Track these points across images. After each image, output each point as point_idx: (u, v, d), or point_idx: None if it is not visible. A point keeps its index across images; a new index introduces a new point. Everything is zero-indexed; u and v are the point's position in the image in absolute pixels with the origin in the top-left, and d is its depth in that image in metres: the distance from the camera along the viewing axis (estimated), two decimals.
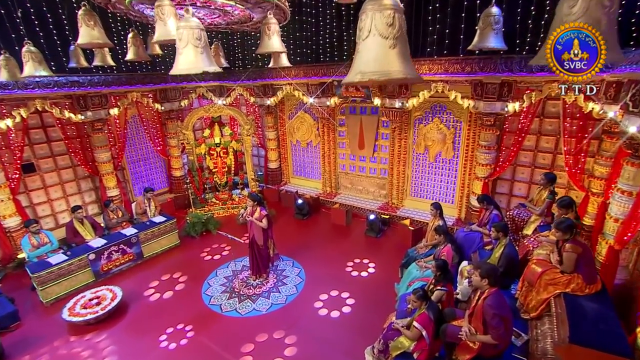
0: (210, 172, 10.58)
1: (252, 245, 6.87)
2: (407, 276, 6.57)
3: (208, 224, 9.33)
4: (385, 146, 9.64)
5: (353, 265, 7.50)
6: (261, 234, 6.70)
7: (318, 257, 7.93)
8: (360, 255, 7.92)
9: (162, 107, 10.27)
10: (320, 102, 9.69)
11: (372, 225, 8.91)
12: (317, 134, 10.78)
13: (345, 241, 8.66)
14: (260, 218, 6.59)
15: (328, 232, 9.21)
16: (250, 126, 10.30)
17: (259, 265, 7.02)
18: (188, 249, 8.61)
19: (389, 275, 7.19)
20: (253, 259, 6.99)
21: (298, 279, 7.24)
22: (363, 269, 7.44)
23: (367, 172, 10.19)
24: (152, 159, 10.99)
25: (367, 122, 9.70)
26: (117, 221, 8.48)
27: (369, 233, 8.90)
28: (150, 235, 8.29)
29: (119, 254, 7.78)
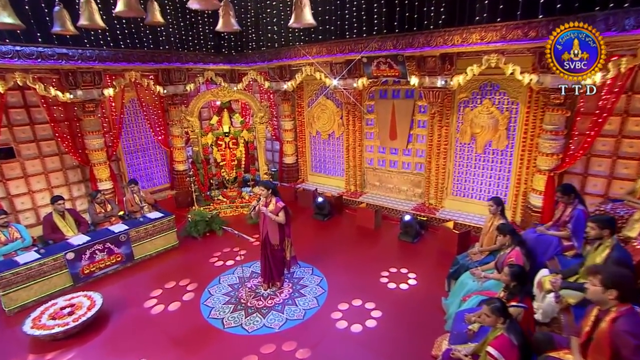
0: (218, 166, 9.59)
1: (265, 246, 5.82)
2: (460, 289, 5.34)
3: (213, 224, 8.27)
4: (422, 136, 8.51)
5: (389, 276, 6.37)
6: (276, 232, 5.67)
7: (343, 264, 6.82)
8: (395, 264, 6.77)
9: (165, 91, 9.34)
10: (346, 84, 8.65)
11: (407, 229, 7.70)
12: (340, 123, 9.75)
13: (374, 247, 7.54)
14: (276, 211, 5.56)
15: (353, 235, 8.10)
16: (265, 113, 9.30)
17: (272, 271, 5.97)
18: (188, 252, 7.55)
19: (430, 287, 6.03)
20: (265, 263, 5.94)
21: (319, 290, 6.11)
22: (402, 280, 6.28)
23: (399, 167, 9.07)
24: (151, 150, 10.06)
25: (400, 108, 8.59)
26: (104, 216, 7.43)
27: (404, 237, 7.71)
28: (144, 234, 7.22)
29: (104, 254, 6.68)
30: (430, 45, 7.01)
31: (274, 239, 5.72)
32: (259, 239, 5.88)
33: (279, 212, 5.55)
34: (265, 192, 5.63)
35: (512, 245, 5.01)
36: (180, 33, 9.63)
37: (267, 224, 5.69)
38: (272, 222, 5.63)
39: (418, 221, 7.80)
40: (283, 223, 5.59)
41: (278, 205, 5.57)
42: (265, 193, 5.63)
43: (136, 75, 8.69)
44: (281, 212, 5.56)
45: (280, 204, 5.60)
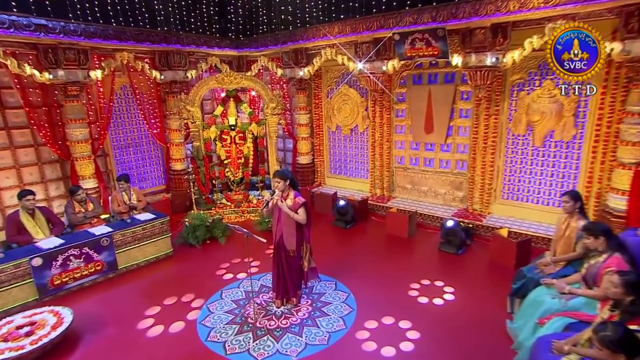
0: (221, 164, 8.81)
1: (278, 252, 5.05)
2: (532, 309, 4.40)
3: (214, 230, 7.43)
4: (465, 128, 7.68)
5: (420, 289, 5.61)
6: (293, 234, 4.92)
7: (372, 278, 5.97)
8: (438, 278, 5.88)
9: (162, 77, 8.66)
10: (373, 67, 7.90)
11: (450, 237, 6.79)
12: (365, 115, 9.02)
13: (410, 259, 6.68)
14: (294, 207, 4.84)
15: (383, 245, 7.25)
16: (277, 104, 8.55)
17: (287, 284, 5.15)
18: (185, 262, 6.72)
19: (481, 305, 5.17)
20: (278, 273, 5.13)
21: (346, 308, 5.22)
22: (435, 294, 5.47)
23: (435, 166, 8.26)
24: (145, 145, 9.35)
25: (438, 95, 7.80)
26: (84, 216, 6.60)
27: (446, 248, 6.82)
28: (131, 238, 6.39)
29: (80, 262, 5.82)
30: (478, 14, 6.28)
31: (290, 243, 4.96)
32: (272, 243, 5.12)
33: (298, 209, 4.83)
34: (282, 184, 4.90)
35: (609, 251, 4.06)
36: (182, 12, 9.03)
37: (282, 223, 4.94)
38: (288, 222, 4.90)
39: (463, 228, 6.85)
40: (303, 223, 4.87)
41: (297, 201, 4.85)
42: (282, 185, 4.90)
43: (129, 57, 8.01)
44: (301, 209, 4.85)
45: (299, 199, 4.88)
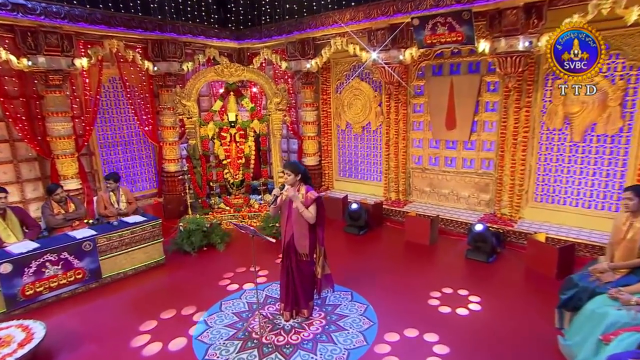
0: (220, 164, 8.36)
1: (288, 256, 4.60)
2: (592, 323, 3.90)
3: (212, 236, 6.95)
4: (492, 123, 7.25)
5: (446, 299, 5.20)
6: (305, 235, 4.50)
7: (392, 289, 5.53)
8: (467, 289, 5.41)
9: (156, 68, 8.25)
10: (389, 57, 7.52)
11: (479, 243, 6.30)
12: (379, 111, 8.62)
13: (434, 267, 6.24)
14: (306, 203, 4.43)
15: (402, 253, 6.81)
16: (282, 98, 8.20)
17: (297, 293, 4.69)
18: (179, 271, 6.25)
19: (516, 318, 4.76)
20: (288, 281, 4.67)
21: (365, 322, 4.72)
22: (459, 304, 5.08)
23: (458, 166, 7.83)
24: (135, 144, 8.88)
25: (461, 87, 7.39)
26: (64, 217, 6.06)
27: (474, 255, 6.33)
28: (118, 243, 5.91)
29: (58, 269, 5.29)
30: None
31: (301, 245, 4.52)
32: (281, 245, 4.67)
33: (309, 206, 4.41)
34: (292, 178, 4.47)
35: None
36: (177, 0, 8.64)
37: (292, 222, 4.50)
38: (299, 220, 4.47)
39: (493, 233, 6.34)
40: (312, 222, 4.44)
41: (309, 196, 4.43)
42: (292, 179, 4.47)
43: (119, 45, 7.59)
44: (312, 207, 4.41)
45: (312, 194, 4.46)
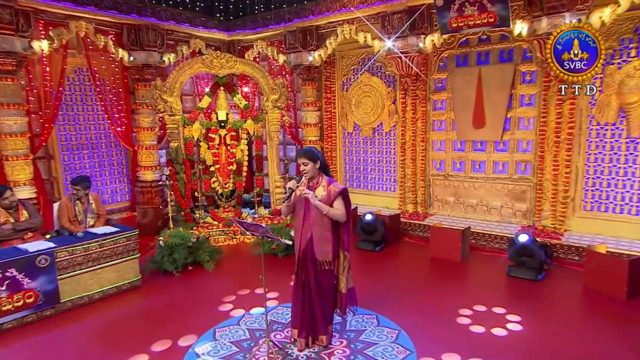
0: (207, 171, 7.96)
1: (303, 266, 4.07)
2: None
3: (199, 253, 6.36)
4: (529, 119, 6.95)
5: (472, 315, 4.88)
6: (329, 239, 3.99)
7: (424, 311, 5.09)
8: (498, 304, 5.07)
9: (132, 58, 7.81)
10: (407, 45, 7.23)
11: (523, 258, 5.77)
12: (392, 110, 8.35)
13: (471, 286, 5.89)
14: (329, 199, 3.95)
15: (430, 271, 6.42)
16: (280, 95, 7.92)
17: (315, 316, 4.12)
18: (159, 294, 5.67)
19: (580, 342, 4.31)
20: (303, 299, 4.10)
21: (400, 350, 4.14)
22: (507, 326, 4.66)
23: (488, 171, 7.50)
24: (105, 147, 8.38)
25: (491, 78, 7.10)
26: (13, 227, 5.33)
27: (519, 272, 5.82)
28: (83, 259, 5.22)
29: (1, 290, 4.50)
30: None
31: (322, 251, 3.98)
32: (296, 252, 4.13)
33: (334, 201, 3.91)
34: (312, 167, 3.96)
35: None
36: None
37: (311, 223, 3.97)
38: (320, 221, 3.95)
39: (541, 245, 5.83)
40: (342, 220, 3.96)
41: (333, 190, 3.94)
42: (311, 169, 3.96)
43: (87, 28, 7.10)
44: (338, 201, 3.93)
45: (335, 186, 3.99)
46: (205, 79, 9.13)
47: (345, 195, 3.96)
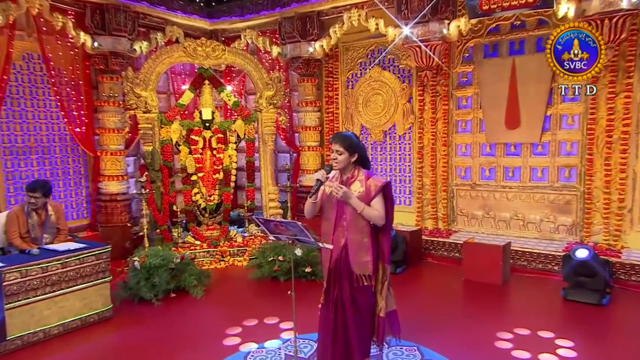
0: (187, 180, 7.67)
1: (338, 283, 3.73)
2: None
3: (184, 276, 6.00)
4: (573, 117, 6.90)
5: (513, 340, 4.84)
6: (368, 247, 3.71)
7: (476, 343, 4.88)
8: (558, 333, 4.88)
9: (96, 44, 7.48)
10: (428, 32, 7.16)
11: (582, 278, 5.53)
12: (408, 109, 8.26)
13: (523, 314, 5.65)
14: (368, 195, 3.66)
15: (469, 295, 6.26)
16: (276, 91, 7.80)
17: (350, 344, 3.78)
18: (136, 328, 5.30)
19: None
20: (336, 325, 3.76)
21: None
22: (545, 347, 4.63)
23: (524, 179, 7.44)
24: (59, 152, 8.00)
25: (527, 70, 7.08)
26: None
27: (578, 296, 5.59)
28: (38, 282, 4.77)
29: None
30: None
31: (360, 262, 3.66)
32: (326, 264, 3.79)
33: (373, 199, 3.61)
34: (346, 158, 3.65)
35: None
36: None
37: (345, 227, 3.68)
38: (358, 224, 3.67)
39: (604, 262, 5.62)
40: (381, 223, 3.67)
41: (373, 184, 3.66)
42: (344, 160, 3.65)
43: (42, 5, 6.72)
44: (377, 199, 3.61)
45: (376, 180, 3.70)
46: (183, 74, 8.87)
47: (388, 192, 3.64)
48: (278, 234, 3.62)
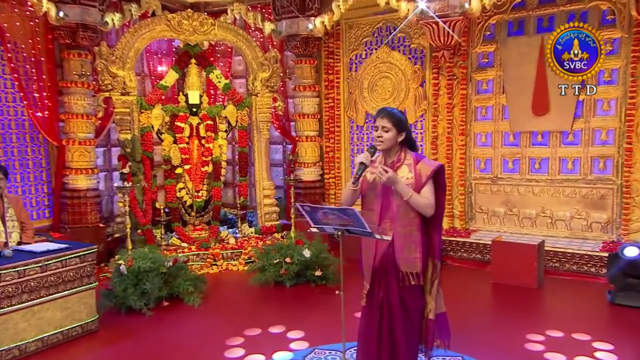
0: (172, 174, 7.56)
1: (383, 281, 3.70)
2: None
3: (178, 282, 5.83)
4: (609, 102, 6.97)
5: (545, 342, 4.99)
6: (417, 240, 3.66)
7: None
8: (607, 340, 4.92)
9: (61, 15, 7.11)
10: (446, 7, 7.10)
11: (630, 280, 5.58)
12: (420, 94, 8.28)
13: (566, 321, 5.57)
14: (420, 181, 3.62)
15: (501, 302, 6.30)
16: (272, 72, 7.85)
17: (397, 351, 3.73)
18: (128, 342, 5.12)
19: None
20: (381, 331, 3.74)
21: None
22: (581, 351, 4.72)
23: (552, 172, 7.52)
24: (16, 140, 7.72)
25: None
26: None
27: (627, 300, 5.63)
28: (14, 290, 4.56)
29: None
30: None
31: (409, 259, 3.61)
32: (370, 262, 3.76)
33: (423, 186, 3.54)
34: (393, 135, 3.54)
35: None
36: None
37: (391, 219, 3.62)
38: (405, 214, 3.60)
39: None
40: (430, 213, 3.64)
41: (424, 170, 3.59)
42: (389, 137, 3.51)
43: None
44: (428, 187, 3.56)
45: (427, 164, 3.65)
46: (159, 53, 8.63)
47: (440, 178, 3.57)
48: (324, 224, 3.43)
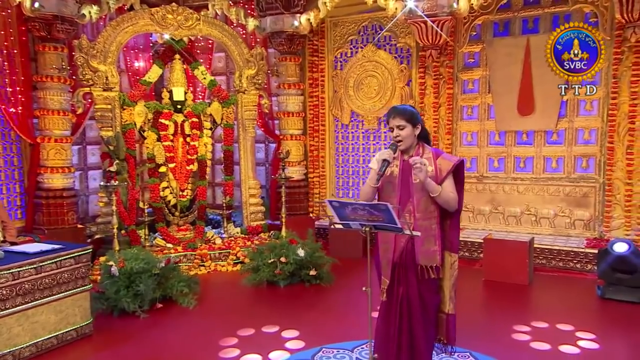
0: (155, 172, 7.49)
1: (403, 277, 3.73)
2: None
3: (172, 284, 5.81)
4: (592, 102, 7.20)
5: (531, 332, 5.25)
6: (436, 233, 3.75)
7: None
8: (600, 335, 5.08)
9: (36, 5, 7.00)
10: (435, 6, 7.20)
11: (619, 275, 5.77)
12: (406, 93, 8.36)
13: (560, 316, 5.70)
14: (440, 175, 3.72)
15: (494, 300, 6.38)
16: (258, 69, 7.87)
17: (415, 349, 3.78)
18: (125, 346, 5.08)
19: None
20: (401, 325, 3.74)
21: None
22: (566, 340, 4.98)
23: (537, 171, 7.68)
24: None
25: (542, 51, 7.12)
26: None
27: (617, 295, 5.81)
28: (8, 293, 4.44)
29: None
30: None
31: (426, 252, 3.67)
32: (390, 257, 3.75)
33: (444, 181, 3.63)
34: (410, 131, 3.60)
35: None
36: None
37: (412, 212, 3.68)
38: (425, 208, 3.67)
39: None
40: (454, 208, 3.72)
41: (444, 165, 3.66)
42: (406, 134, 3.58)
43: None
44: (448, 181, 3.64)
45: (446, 159, 3.71)
46: (136, 49, 8.50)
47: (461, 172, 3.62)
48: (352, 221, 3.41)
